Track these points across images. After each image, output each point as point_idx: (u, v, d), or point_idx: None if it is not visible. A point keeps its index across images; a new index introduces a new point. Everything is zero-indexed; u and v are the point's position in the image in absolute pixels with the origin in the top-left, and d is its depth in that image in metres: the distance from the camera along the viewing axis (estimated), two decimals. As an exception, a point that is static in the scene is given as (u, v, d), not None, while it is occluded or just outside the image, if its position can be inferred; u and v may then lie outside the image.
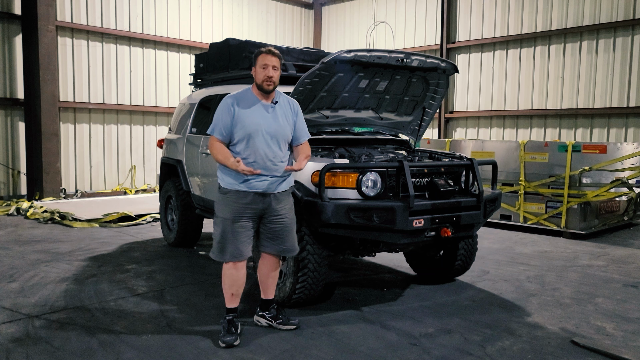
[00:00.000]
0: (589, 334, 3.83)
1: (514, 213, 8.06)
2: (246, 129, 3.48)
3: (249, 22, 14.11)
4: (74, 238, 7.01)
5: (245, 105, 3.53)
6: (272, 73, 3.49)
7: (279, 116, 3.60)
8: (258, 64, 3.52)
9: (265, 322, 3.85)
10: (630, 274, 5.56)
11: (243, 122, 3.49)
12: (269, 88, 3.52)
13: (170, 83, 12.55)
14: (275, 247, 3.72)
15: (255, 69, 3.54)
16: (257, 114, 3.53)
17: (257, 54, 3.55)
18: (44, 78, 9.92)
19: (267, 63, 3.48)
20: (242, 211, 3.54)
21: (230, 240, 3.54)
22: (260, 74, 3.50)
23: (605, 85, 10.49)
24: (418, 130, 5.36)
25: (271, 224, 3.65)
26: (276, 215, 3.63)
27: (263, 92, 3.55)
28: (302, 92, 4.43)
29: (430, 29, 13.22)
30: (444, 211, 4.16)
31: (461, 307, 4.39)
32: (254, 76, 3.55)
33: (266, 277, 3.84)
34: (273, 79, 3.50)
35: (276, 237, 3.68)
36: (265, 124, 3.52)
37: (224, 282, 3.66)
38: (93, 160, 11.41)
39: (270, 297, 3.88)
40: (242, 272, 3.65)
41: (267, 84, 3.50)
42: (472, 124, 12.63)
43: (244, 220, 3.55)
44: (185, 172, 6.02)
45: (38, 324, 3.89)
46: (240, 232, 3.55)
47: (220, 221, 3.58)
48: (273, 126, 3.55)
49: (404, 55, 4.45)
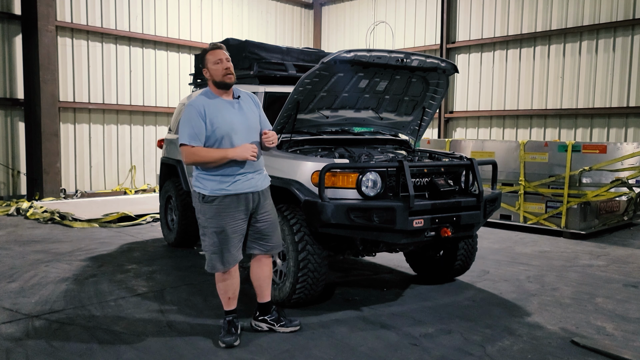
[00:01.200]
0: (589, 334, 3.83)
1: (514, 213, 8.06)
2: (221, 130, 3.39)
3: (249, 22, 14.12)
4: (74, 238, 7.01)
5: (212, 106, 3.42)
6: (227, 64, 3.43)
7: (245, 110, 3.54)
8: (210, 62, 3.44)
9: (267, 326, 3.77)
10: (630, 273, 5.56)
11: (216, 123, 3.38)
12: (231, 80, 3.46)
13: (170, 83, 12.55)
14: (263, 246, 3.65)
15: (208, 69, 3.46)
16: (226, 112, 3.45)
17: (204, 54, 3.48)
18: (44, 78, 9.92)
19: (220, 57, 3.43)
20: (235, 215, 3.45)
21: (225, 248, 3.46)
22: (217, 70, 3.42)
23: (605, 85, 10.49)
24: (418, 130, 5.35)
25: (258, 223, 3.59)
26: (263, 212, 3.59)
27: (224, 87, 3.47)
28: (302, 92, 4.43)
29: (430, 29, 13.22)
30: (444, 211, 4.16)
31: (461, 307, 4.39)
32: (210, 76, 3.46)
33: (260, 280, 3.76)
34: (230, 69, 3.44)
35: (263, 236, 3.63)
36: (237, 120, 3.46)
37: (219, 289, 3.62)
38: (93, 161, 11.41)
39: (267, 299, 3.81)
40: (235, 276, 3.60)
41: (227, 77, 3.43)
42: (472, 124, 12.63)
43: (237, 224, 3.48)
44: (185, 172, 6.02)
45: (38, 324, 3.89)
46: (234, 237, 3.48)
47: (212, 231, 3.44)
48: (244, 121, 3.50)
49: (404, 55, 4.44)
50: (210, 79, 3.48)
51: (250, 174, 3.50)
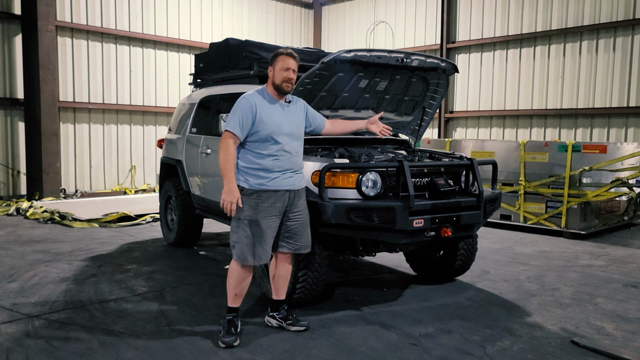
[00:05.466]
0: (589, 334, 3.83)
1: (514, 213, 8.06)
2: (269, 128, 3.53)
3: (249, 22, 14.12)
4: (73, 238, 7.01)
5: (265, 105, 3.59)
6: (292, 75, 3.58)
7: (294, 114, 3.71)
8: (278, 66, 3.58)
9: (276, 322, 3.85)
10: (630, 273, 5.56)
11: (265, 121, 3.53)
12: (288, 89, 3.62)
13: (170, 83, 12.55)
14: (292, 245, 3.73)
15: (273, 70, 3.61)
16: (277, 114, 3.60)
17: (277, 55, 3.61)
18: (44, 78, 9.92)
19: (289, 66, 3.57)
20: (270, 210, 3.56)
21: (259, 242, 3.55)
22: (280, 75, 3.57)
23: (605, 85, 10.49)
24: (418, 130, 5.35)
25: (289, 222, 3.67)
26: (296, 211, 3.67)
27: (280, 92, 3.63)
28: (302, 92, 4.43)
29: (430, 28, 13.22)
30: (444, 211, 4.16)
31: (461, 307, 4.39)
32: (272, 76, 3.62)
33: (278, 279, 3.85)
34: (292, 80, 3.60)
35: (293, 235, 3.70)
36: (284, 122, 3.61)
37: (230, 282, 3.66)
38: (93, 160, 11.41)
39: (282, 297, 3.89)
40: (250, 274, 3.67)
41: (286, 85, 3.59)
42: (472, 123, 12.63)
43: (272, 220, 3.57)
44: (185, 172, 6.02)
45: (38, 324, 3.89)
46: (268, 233, 3.57)
47: (247, 223, 3.54)
48: (291, 124, 3.65)
49: (404, 55, 4.45)
50: (271, 79, 3.62)
51: (290, 172, 3.62)
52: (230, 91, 5.36)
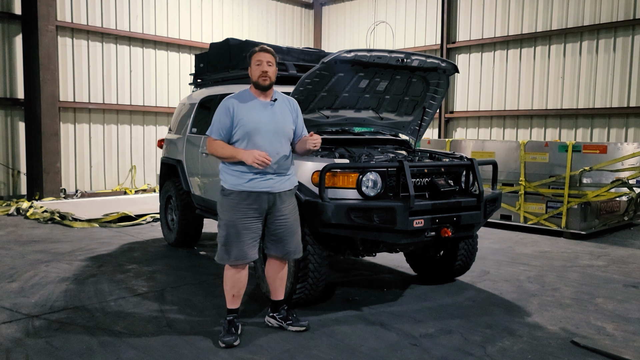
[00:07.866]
0: (589, 334, 3.83)
1: (514, 213, 8.06)
2: (245, 127, 3.51)
3: (249, 22, 14.11)
4: (74, 238, 7.01)
5: (243, 104, 3.56)
6: (266, 68, 3.53)
7: (278, 113, 3.63)
8: (253, 62, 3.58)
9: (276, 323, 3.85)
10: (631, 274, 5.56)
11: (242, 120, 3.51)
12: (265, 83, 3.55)
13: (170, 83, 12.55)
14: (279, 250, 3.70)
15: (250, 68, 3.60)
16: (255, 112, 3.55)
17: (251, 53, 3.61)
18: (44, 78, 9.92)
19: (261, 59, 3.54)
20: (247, 212, 3.53)
21: (235, 242, 3.53)
22: (255, 71, 3.56)
23: (606, 85, 10.49)
24: (418, 130, 5.35)
25: (274, 225, 3.64)
26: (280, 215, 3.62)
27: (260, 89, 3.58)
28: (302, 92, 4.42)
29: (431, 29, 13.22)
30: (444, 211, 4.15)
31: (461, 308, 4.39)
32: (250, 75, 3.61)
33: (273, 279, 3.84)
34: (268, 73, 3.54)
35: (280, 239, 3.67)
36: (264, 121, 3.55)
37: (226, 284, 3.66)
38: (93, 160, 11.41)
39: (280, 298, 3.88)
40: (243, 274, 3.65)
41: (262, 79, 3.54)
42: (472, 124, 12.63)
43: (249, 222, 3.54)
44: (185, 172, 6.02)
45: (38, 324, 3.89)
46: (245, 234, 3.54)
47: (224, 223, 3.57)
48: (272, 123, 3.57)
49: (404, 55, 4.44)
50: (251, 78, 3.61)
51: (270, 174, 3.56)
52: (230, 91, 5.35)
